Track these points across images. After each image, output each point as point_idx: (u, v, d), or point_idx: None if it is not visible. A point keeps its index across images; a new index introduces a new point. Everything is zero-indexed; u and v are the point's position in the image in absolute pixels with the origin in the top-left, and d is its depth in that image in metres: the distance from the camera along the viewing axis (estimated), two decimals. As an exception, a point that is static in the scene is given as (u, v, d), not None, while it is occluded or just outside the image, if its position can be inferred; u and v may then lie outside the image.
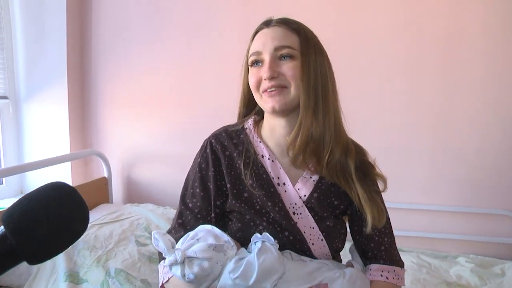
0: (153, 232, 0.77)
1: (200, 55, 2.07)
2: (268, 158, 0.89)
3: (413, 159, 1.89)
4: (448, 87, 1.83)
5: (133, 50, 2.15)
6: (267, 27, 0.86)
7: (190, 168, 0.95)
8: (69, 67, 2.11)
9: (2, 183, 2.14)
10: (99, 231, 1.59)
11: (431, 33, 1.81)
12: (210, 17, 2.04)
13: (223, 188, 0.89)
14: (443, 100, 1.84)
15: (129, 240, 1.59)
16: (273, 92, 0.83)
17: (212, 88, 2.07)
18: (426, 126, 1.87)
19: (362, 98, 1.88)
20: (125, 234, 1.62)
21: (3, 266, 0.46)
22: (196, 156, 0.95)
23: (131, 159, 2.24)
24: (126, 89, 2.19)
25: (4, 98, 2.10)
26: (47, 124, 2.16)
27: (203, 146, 0.94)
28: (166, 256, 0.75)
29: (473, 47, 1.78)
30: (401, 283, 0.91)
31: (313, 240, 0.86)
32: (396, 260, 0.93)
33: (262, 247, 0.78)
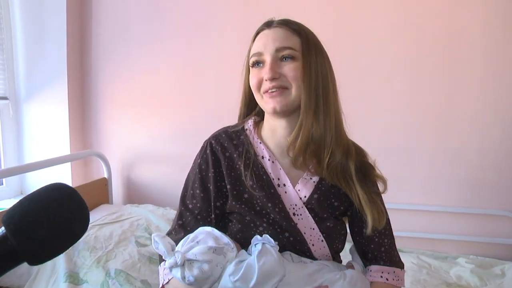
0: (153, 234, 0.77)
1: (200, 55, 2.07)
2: (269, 159, 0.89)
3: (413, 159, 1.89)
4: (448, 87, 1.83)
5: (133, 50, 2.15)
6: (268, 28, 0.86)
7: (190, 169, 0.95)
8: (69, 67, 2.11)
9: (2, 184, 2.14)
10: (99, 231, 1.59)
11: (431, 33, 1.81)
12: (210, 17, 2.04)
13: (223, 189, 0.89)
14: (443, 100, 1.84)
15: (129, 240, 1.59)
16: (274, 93, 0.83)
17: (212, 88, 2.07)
18: (426, 126, 1.87)
19: (362, 98, 1.88)
20: (125, 234, 1.62)
21: (4, 267, 0.47)
22: (196, 157, 0.95)
23: (131, 159, 2.24)
24: (126, 89, 2.19)
25: (4, 98, 2.10)
26: (47, 125, 2.15)
27: (203, 147, 0.94)
28: (166, 258, 0.75)
29: (473, 47, 1.78)
30: (401, 284, 0.91)
31: (313, 241, 0.86)
32: (396, 261, 0.93)
33: (263, 249, 0.78)
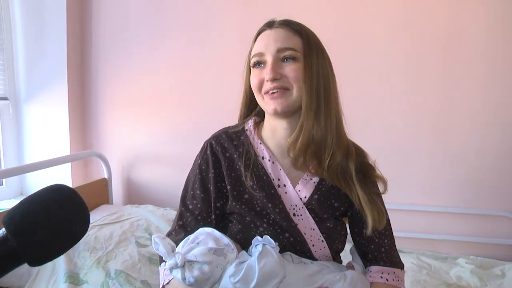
0: (153, 236, 0.77)
1: (200, 55, 2.07)
2: (269, 160, 0.89)
3: (413, 160, 1.89)
4: (448, 87, 1.83)
5: (133, 50, 2.15)
6: (269, 28, 0.86)
7: (191, 170, 0.95)
8: (69, 67, 2.11)
9: (2, 184, 2.14)
10: (99, 232, 1.59)
11: (431, 33, 1.81)
12: (210, 17, 2.04)
13: (223, 189, 0.89)
14: (443, 100, 1.84)
15: (129, 241, 1.59)
16: (275, 95, 0.82)
17: (212, 88, 2.07)
18: (426, 126, 1.87)
19: (362, 98, 1.88)
20: (125, 235, 1.62)
21: (4, 268, 0.47)
22: (196, 157, 0.95)
23: (131, 160, 2.24)
24: (126, 89, 2.19)
25: (4, 99, 2.10)
26: (47, 125, 2.15)
27: (203, 148, 0.94)
28: (167, 260, 0.75)
29: (473, 47, 1.77)
30: (401, 284, 0.91)
31: (313, 242, 0.86)
32: (396, 262, 0.93)
33: (263, 250, 0.78)
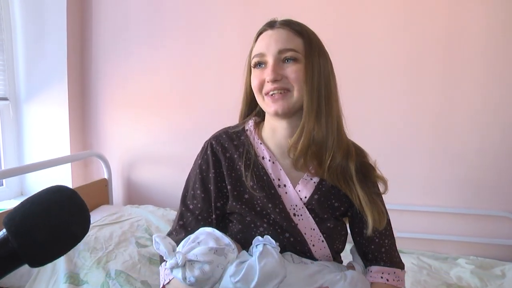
0: (154, 235, 0.77)
1: (200, 55, 2.07)
2: (269, 160, 0.89)
3: (413, 160, 1.89)
4: (448, 87, 1.83)
5: (133, 50, 2.15)
6: (270, 28, 0.86)
7: (191, 170, 0.95)
8: (69, 67, 2.11)
9: (2, 185, 2.14)
10: (99, 232, 1.59)
11: (431, 33, 1.81)
12: (210, 17, 2.04)
13: (224, 189, 0.89)
14: (443, 100, 1.84)
15: (129, 241, 1.59)
16: (275, 96, 0.82)
17: (212, 88, 2.07)
18: (426, 126, 1.87)
19: (362, 98, 1.88)
20: (125, 235, 1.62)
21: (5, 269, 0.47)
22: (196, 157, 0.95)
23: (131, 160, 2.24)
24: (126, 89, 2.19)
25: (4, 99, 2.10)
26: (47, 125, 2.15)
27: (203, 148, 0.94)
28: (167, 259, 0.75)
29: (473, 47, 1.78)
30: (401, 284, 0.91)
31: (313, 242, 0.86)
32: (397, 262, 0.93)
33: (264, 250, 0.78)
